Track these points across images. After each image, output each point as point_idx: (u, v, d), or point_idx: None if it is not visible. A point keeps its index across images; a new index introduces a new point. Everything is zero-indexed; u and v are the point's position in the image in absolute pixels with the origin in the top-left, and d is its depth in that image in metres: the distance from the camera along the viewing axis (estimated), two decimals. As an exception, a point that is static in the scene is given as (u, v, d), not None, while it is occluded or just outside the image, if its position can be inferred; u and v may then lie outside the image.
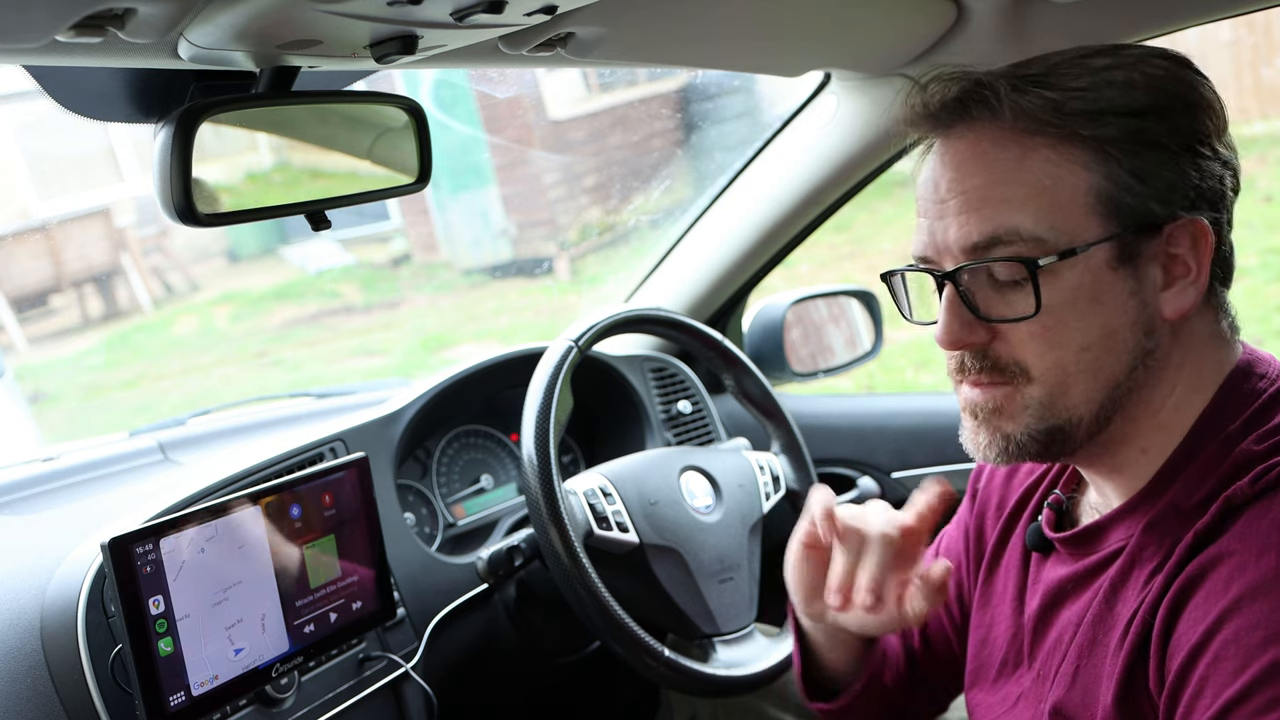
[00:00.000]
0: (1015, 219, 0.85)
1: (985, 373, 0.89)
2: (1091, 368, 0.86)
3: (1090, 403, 0.87)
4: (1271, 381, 0.89)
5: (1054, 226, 0.85)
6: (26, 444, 3.16)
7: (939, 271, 0.90)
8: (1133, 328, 0.87)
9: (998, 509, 1.12)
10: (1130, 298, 0.86)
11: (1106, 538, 0.93)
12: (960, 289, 0.88)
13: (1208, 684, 0.76)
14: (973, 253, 0.87)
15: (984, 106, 0.87)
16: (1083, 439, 0.89)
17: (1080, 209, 0.85)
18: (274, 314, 7.92)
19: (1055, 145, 0.85)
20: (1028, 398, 0.88)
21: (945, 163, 0.89)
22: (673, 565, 1.42)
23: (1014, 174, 0.86)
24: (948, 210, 0.88)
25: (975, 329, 0.88)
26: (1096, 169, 0.85)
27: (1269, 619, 0.74)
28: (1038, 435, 0.89)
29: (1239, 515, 0.80)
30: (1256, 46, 7.23)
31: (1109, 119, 0.84)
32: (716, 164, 2.32)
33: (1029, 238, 0.85)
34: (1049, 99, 0.85)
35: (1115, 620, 0.88)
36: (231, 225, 0.98)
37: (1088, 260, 0.85)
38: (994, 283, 0.87)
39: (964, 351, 0.90)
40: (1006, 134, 0.86)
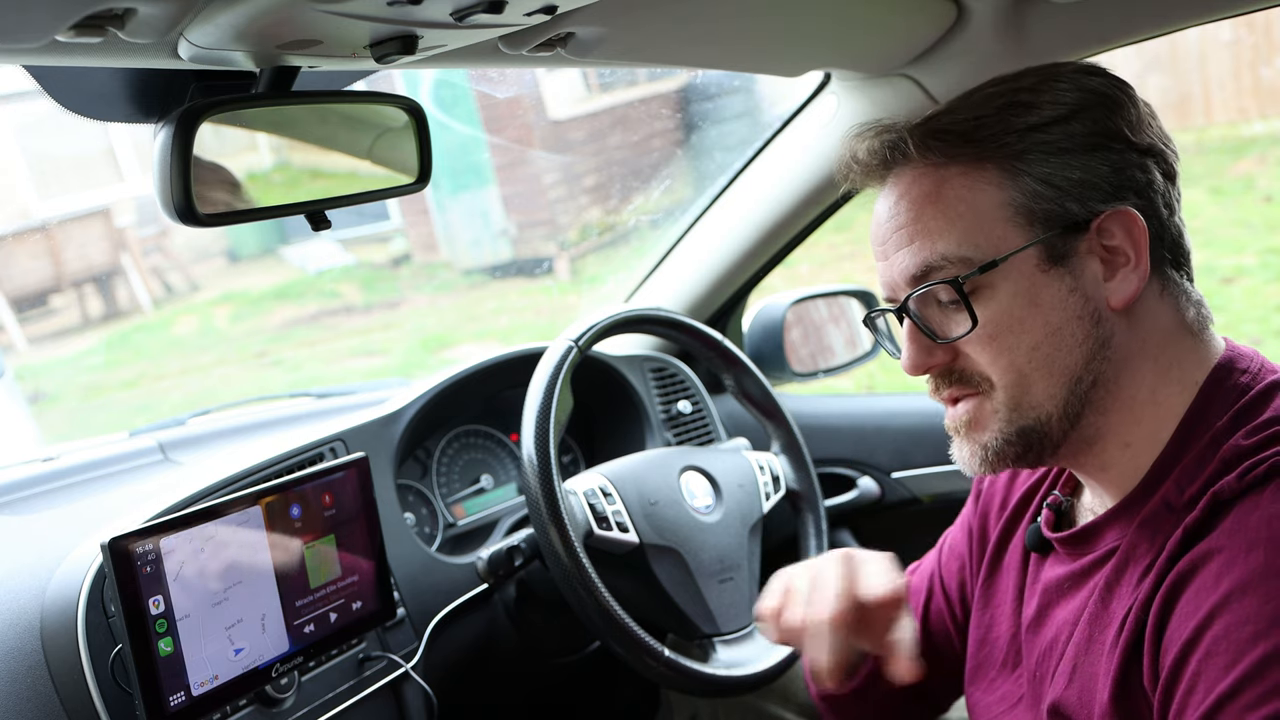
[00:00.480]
0: (940, 246, 0.92)
1: (955, 387, 0.96)
2: (1045, 365, 0.91)
3: (1054, 399, 0.92)
4: (1255, 376, 0.90)
5: (977, 245, 0.91)
6: (26, 444, 3.16)
7: (893, 307, 0.98)
8: (1079, 321, 0.91)
9: (1000, 509, 1.13)
10: (1070, 294, 0.91)
11: (1102, 537, 0.94)
12: (914, 318, 0.96)
13: (1200, 680, 0.77)
14: (914, 284, 0.95)
15: (898, 152, 0.95)
16: (1058, 437, 0.93)
17: (999, 223, 0.91)
18: (274, 314, 7.92)
19: (966, 171, 0.92)
20: (995, 403, 0.94)
21: (881, 209, 0.98)
22: (673, 565, 1.42)
23: (933, 206, 0.93)
24: (889, 251, 0.97)
25: (934, 352, 0.96)
26: (1008, 184, 0.91)
27: (1258, 613, 0.75)
28: (1011, 439, 0.94)
29: (1228, 511, 0.81)
30: (1256, 46, 7.23)
31: (1010, 137, 0.91)
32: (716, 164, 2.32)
33: (955, 259, 0.92)
34: (956, 132, 0.92)
35: (1110, 618, 0.88)
36: (231, 225, 0.98)
37: (1016, 268, 0.91)
38: (941, 306, 0.95)
39: (933, 374, 0.97)
40: (923, 173, 0.94)
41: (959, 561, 1.20)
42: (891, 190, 0.97)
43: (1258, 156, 6.83)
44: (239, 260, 9.00)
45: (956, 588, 1.20)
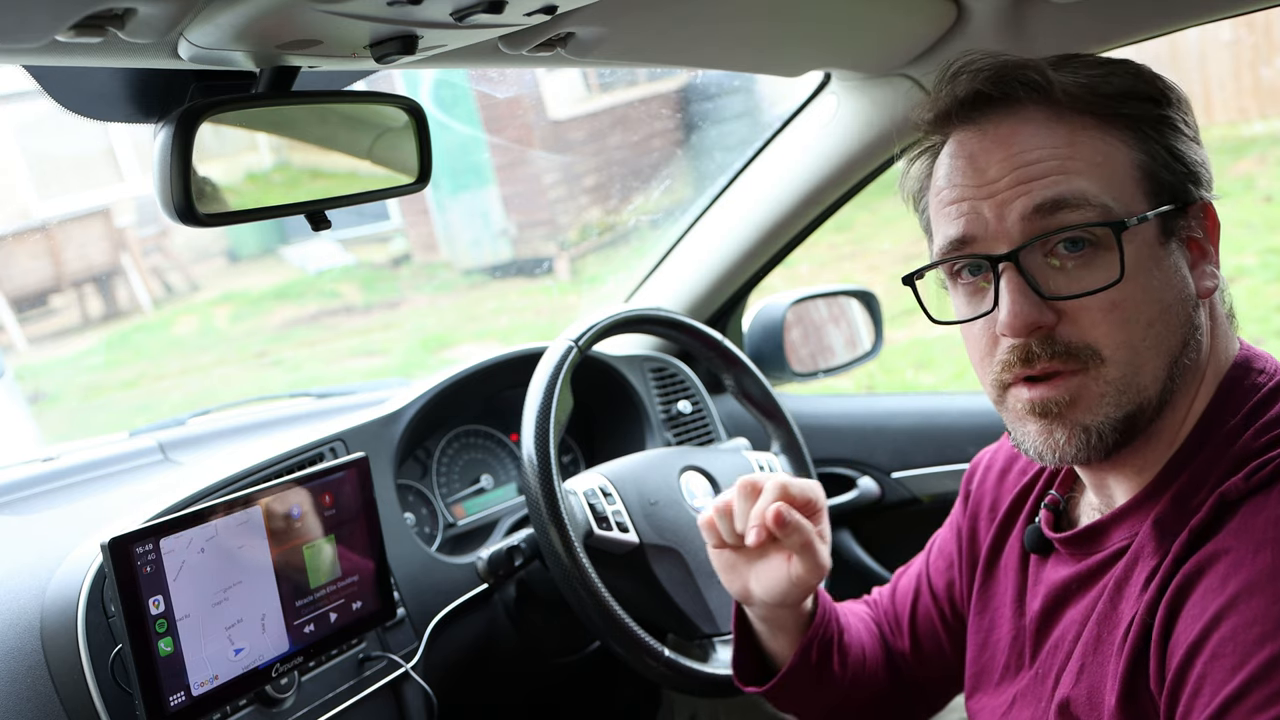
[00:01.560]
0: (1080, 184, 0.85)
1: (1057, 359, 0.85)
2: (1156, 344, 0.86)
3: (1157, 382, 0.86)
4: (1270, 376, 0.90)
5: (1115, 197, 0.85)
6: (26, 444, 3.16)
7: (994, 255, 0.87)
8: (1183, 303, 0.88)
9: (990, 511, 1.12)
10: (1175, 273, 0.88)
11: (1109, 537, 0.93)
12: (1022, 268, 0.85)
13: (1206, 681, 0.76)
14: (1035, 220, 0.85)
15: (1030, 88, 0.87)
16: (1146, 424, 0.87)
17: (1130, 183, 0.87)
18: (274, 314, 7.92)
19: (1100, 124, 0.87)
20: (1104, 382, 0.85)
21: (989, 146, 0.88)
22: (673, 565, 1.42)
23: (1069, 148, 0.86)
24: (1000, 187, 0.87)
25: (1044, 310, 0.85)
26: (1138, 146, 0.87)
27: (1265, 615, 0.74)
28: (1118, 423, 0.86)
29: (1235, 511, 0.81)
30: (1256, 46, 7.23)
31: (1136, 102, 0.87)
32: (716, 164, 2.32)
33: (1096, 203, 0.85)
34: (1083, 82, 0.87)
35: (1119, 619, 0.88)
36: (231, 225, 0.98)
37: (1144, 233, 0.86)
38: (1051, 260, 0.86)
39: (1031, 339, 0.86)
40: (1053, 113, 0.87)
41: (947, 562, 1.20)
42: (1010, 126, 0.88)
43: (1258, 156, 6.82)
44: (239, 260, 9.00)
45: (944, 588, 1.20)
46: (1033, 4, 1.31)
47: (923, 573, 1.23)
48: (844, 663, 1.19)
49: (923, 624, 1.22)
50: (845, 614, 1.25)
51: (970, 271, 0.91)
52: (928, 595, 1.21)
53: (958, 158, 0.90)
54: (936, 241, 0.93)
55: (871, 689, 1.21)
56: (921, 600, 1.22)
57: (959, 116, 0.91)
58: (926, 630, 1.21)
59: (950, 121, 0.92)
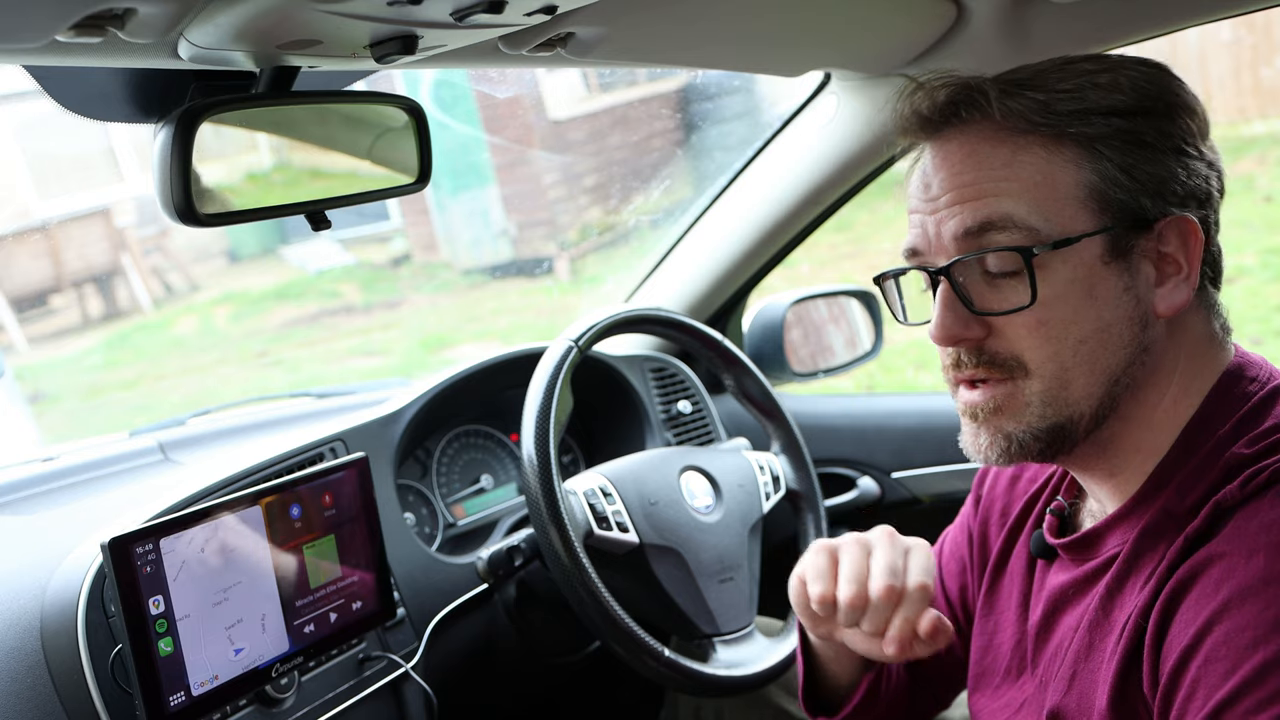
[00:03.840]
0: (1008, 206, 0.87)
1: (982, 368, 0.90)
2: (1089, 361, 0.87)
3: (1090, 398, 0.88)
4: (1262, 384, 0.89)
5: (1047, 218, 0.86)
6: (26, 444, 3.16)
7: (931, 267, 0.91)
8: (1128, 323, 0.88)
9: (1001, 515, 1.12)
10: (1124, 293, 0.88)
11: (1104, 543, 0.93)
12: (954, 282, 0.89)
13: (1199, 686, 0.76)
14: (965, 241, 0.88)
15: (974, 108, 0.89)
16: (1081, 436, 0.89)
17: (1072, 203, 0.87)
18: (274, 314, 7.93)
19: (1045, 143, 0.87)
20: (1028, 394, 0.88)
21: (937, 163, 0.91)
22: (673, 565, 1.42)
23: (1006, 169, 0.87)
24: (940, 205, 0.90)
25: (970, 324, 0.89)
26: (1087, 165, 0.87)
27: (1258, 620, 0.74)
28: (1040, 434, 0.89)
29: (1229, 518, 0.81)
30: (1256, 46, 7.24)
31: (1095, 118, 0.87)
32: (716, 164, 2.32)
33: (1022, 225, 0.86)
34: (1037, 100, 0.87)
35: (1111, 625, 0.88)
36: (231, 225, 0.98)
37: (1081, 253, 0.86)
38: (987, 276, 0.89)
39: (959, 348, 0.90)
40: (997, 133, 0.88)
41: (959, 563, 1.20)
42: (956, 145, 0.90)
43: (1258, 156, 6.83)
44: (239, 260, 9.00)
45: (956, 589, 1.20)
46: (1033, 4, 1.31)
47: (935, 574, 1.23)
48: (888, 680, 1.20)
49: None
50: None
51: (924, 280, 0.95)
52: (940, 594, 1.22)
53: (918, 171, 0.94)
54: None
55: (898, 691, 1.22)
56: (934, 600, 1.22)
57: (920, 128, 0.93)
58: None
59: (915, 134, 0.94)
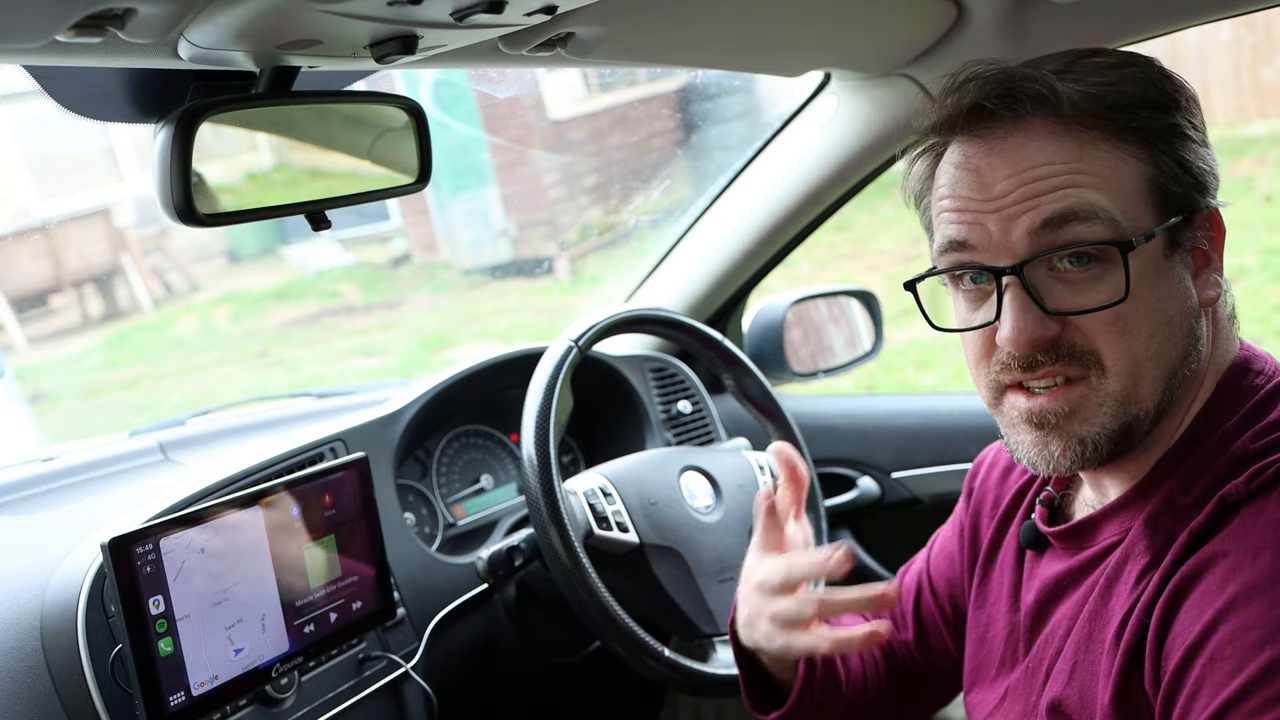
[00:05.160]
0: (1091, 197, 0.84)
1: (1061, 363, 0.86)
2: (1156, 356, 0.86)
3: (1155, 394, 0.86)
4: (1269, 378, 0.89)
5: (1123, 211, 0.85)
6: (26, 444, 3.16)
7: (997, 267, 0.86)
8: (1184, 315, 0.87)
9: (992, 508, 1.12)
10: (1179, 285, 0.87)
11: (1101, 532, 0.93)
12: (1025, 282, 0.85)
13: (1204, 685, 0.76)
14: (1041, 235, 0.85)
15: (1038, 101, 0.86)
16: (1142, 435, 0.88)
17: (1139, 197, 0.86)
18: (274, 314, 7.93)
19: (1108, 138, 0.85)
20: (1103, 393, 0.86)
21: (995, 161, 0.87)
22: (673, 565, 1.42)
23: (1079, 162, 0.85)
24: (1007, 203, 0.86)
25: (1046, 324, 0.85)
26: (1147, 159, 0.86)
27: (1264, 619, 0.74)
28: (1113, 434, 0.86)
29: (1234, 514, 0.80)
30: (1256, 46, 7.24)
31: (1144, 112, 0.86)
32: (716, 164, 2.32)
33: (1106, 217, 0.84)
34: (1092, 93, 0.85)
35: (1110, 615, 0.88)
36: (231, 225, 0.98)
37: (1150, 248, 0.85)
38: (1053, 272, 0.86)
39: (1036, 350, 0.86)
40: (1060, 126, 0.86)
41: (948, 560, 1.20)
42: (1017, 140, 0.86)
43: (1258, 156, 6.83)
44: (239, 260, 9.00)
45: (945, 586, 1.20)
46: (1033, 4, 1.31)
47: (923, 571, 1.24)
48: (848, 671, 1.19)
49: (926, 618, 1.22)
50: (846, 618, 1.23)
51: (972, 279, 0.90)
52: (929, 593, 1.22)
53: (962, 169, 0.89)
54: (936, 241, 0.92)
55: (874, 686, 1.21)
56: (924, 597, 1.23)
57: (963, 127, 0.90)
58: (930, 624, 1.22)
59: (955, 130, 0.91)
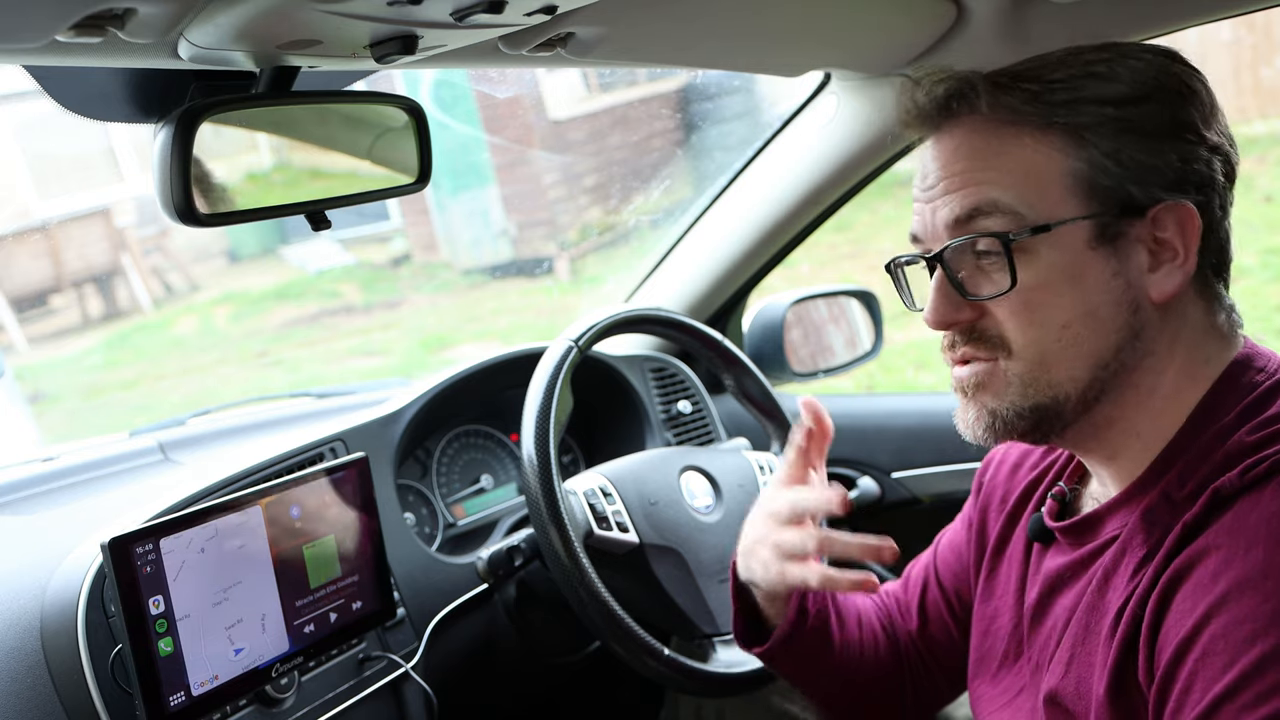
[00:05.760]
0: (992, 193, 0.90)
1: (971, 345, 0.93)
2: (1074, 344, 0.89)
3: (1075, 380, 0.90)
4: (1270, 375, 0.90)
5: (1032, 205, 0.89)
6: (26, 444, 3.17)
7: (928, 254, 0.95)
8: (1116, 307, 0.89)
9: (1001, 502, 1.13)
10: (1113, 278, 0.89)
11: (1103, 526, 0.94)
12: (947, 268, 0.92)
13: (1196, 679, 0.76)
14: (956, 228, 0.92)
15: (964, 102, 0.92)
16: (1071, 418, 0.92)
17: (1058, 190, 0.89)
18: (274, 314, 7.93)
19: (1034, 133, 0.90)
20: (1010, 374, 0.91)
21: (933, 155, 0.95)
22: (673, 565, 1.42)
23: (994, 159, 0.91)
24: (935, 194, 0.94)
25: (961, 308, 0.93)
26: (1073, 153, 0.89)
27: (1255, 613, 0.74)
28: (1023, 412, 0.92)
29: (1228, 507, 0.81)
30: (1256, 46, 7.24)
31: (1086, 107, 0.89)
32: (716, 164, 2.33)
33: (1007, 210, 0.89)
34: (1028, 91, 0.90)
35: (1107, 608, 0.88)
36: (231, 225, 0.98)
37: (1064, 238, 0.88)
38: (977, 262, 0.92)
39: (953, 331, 0.94)
40: (987, 125, 0.91)
41: (955, 553, 1.21)
42: (949, 137, 0.94)
43: (1258, 156, 6.83)
44: (239, 260, 9.01)
45: (951, 579, 1.21)
46: (1033, 4, 1.31)
47: (930, 565, 1.25)
48: (842, 625, 1.20)
49: (932, 611, 1.23)
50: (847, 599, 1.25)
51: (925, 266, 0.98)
52: (935, 587, 1.23)
53: (921, 162, 0.97)
54: None
55: (876, 668, 1.22)
56: (930, 590, 1.24)
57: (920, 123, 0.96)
58: (935, 617, 1.23)
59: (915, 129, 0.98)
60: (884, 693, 1.24)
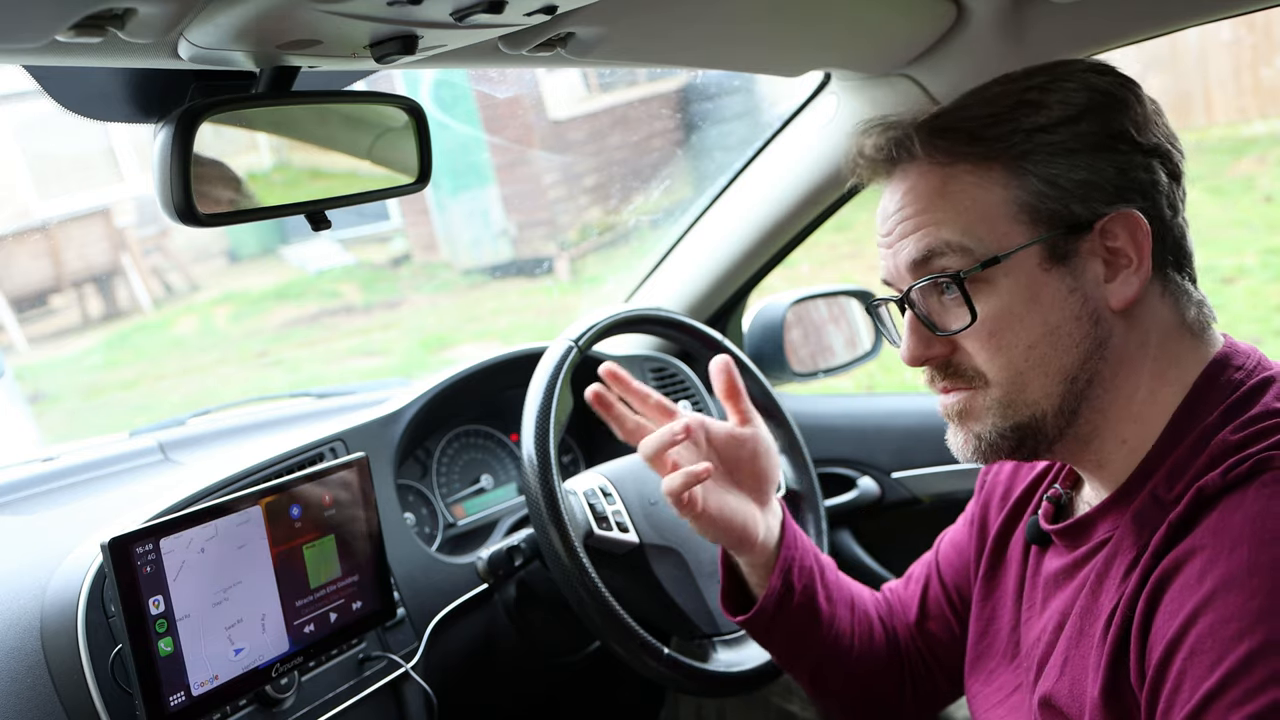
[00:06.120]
0: (943, 234, 0.93)
1: (948, 379, 0.97)
2: (1042, 363, 0.92)
3: (1050, 396, 0.93)
4: (1249, 373, 0.91)
5: (980, 238, 0.92)
6: (26, 444, 3.17)
7: (896, 297, 0.99)
8: (1077, 321, 0.91)
9: (1001, 501, 1.15)
10: (1070, 294, 0.91)
11: (1094, 530, 0.95)
12: (915, 308, 0.97)
13: (1185, 679, 0.77)
14: (916, 270, 0.95)
15: (902, 148, 0.96)
16: (1054, 433, 0.94)
17: (1003, 220, 0.92)
18: (274, 314, 7.93)
19: (974, 169, 0.93)
20: (989, 399, 0.95)
21: (885, 202, 0.99)
22: (673, 565, 1.42)
23: (939, 200, 0.94)
24: (893, 240, 0.98)
25: (933, 344, 0.97)
26: (1014, 183, 0.92)
27: (1241, 611, 0.75)
28: (1005, 433, 0.95)
29: (1212, 507, 0.82)
30: (1256, 46, 7.24)
31: (1019, 136, 0.92)
32: (716, 164, 2.33)
33: (957, 248, 0.93)
34: (962, 131, 0.93)
35: (1099, 611, 0.89)
36: (231, 225, 0.98)
37: (1018, 265, 0.91)
38: (941, 299, 0.95)
39: (930, 366, 0.98)
40: (929, 168, 0.95)
41: (957, 552, 1.22)
42: (898, 184, 0.98)
43: (1258, 157, 6.83)
44: (239, 260, 9.01)
45: (952, 576, 1.22)
46: (1033, 4, 1.31)
47: (933, 562, 1.26)
48: (831, 603, 1.21)
49: (933, 608, 1.24)
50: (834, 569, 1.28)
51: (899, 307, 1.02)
52: (937, 584, 1.24)
53: (879, 210, 1.02)
54: None
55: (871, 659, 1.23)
56: (931, 587, 1.25)
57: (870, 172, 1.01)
58: (937, 614, 1.24)
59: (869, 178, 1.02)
60: (883, 688, 1.24)
